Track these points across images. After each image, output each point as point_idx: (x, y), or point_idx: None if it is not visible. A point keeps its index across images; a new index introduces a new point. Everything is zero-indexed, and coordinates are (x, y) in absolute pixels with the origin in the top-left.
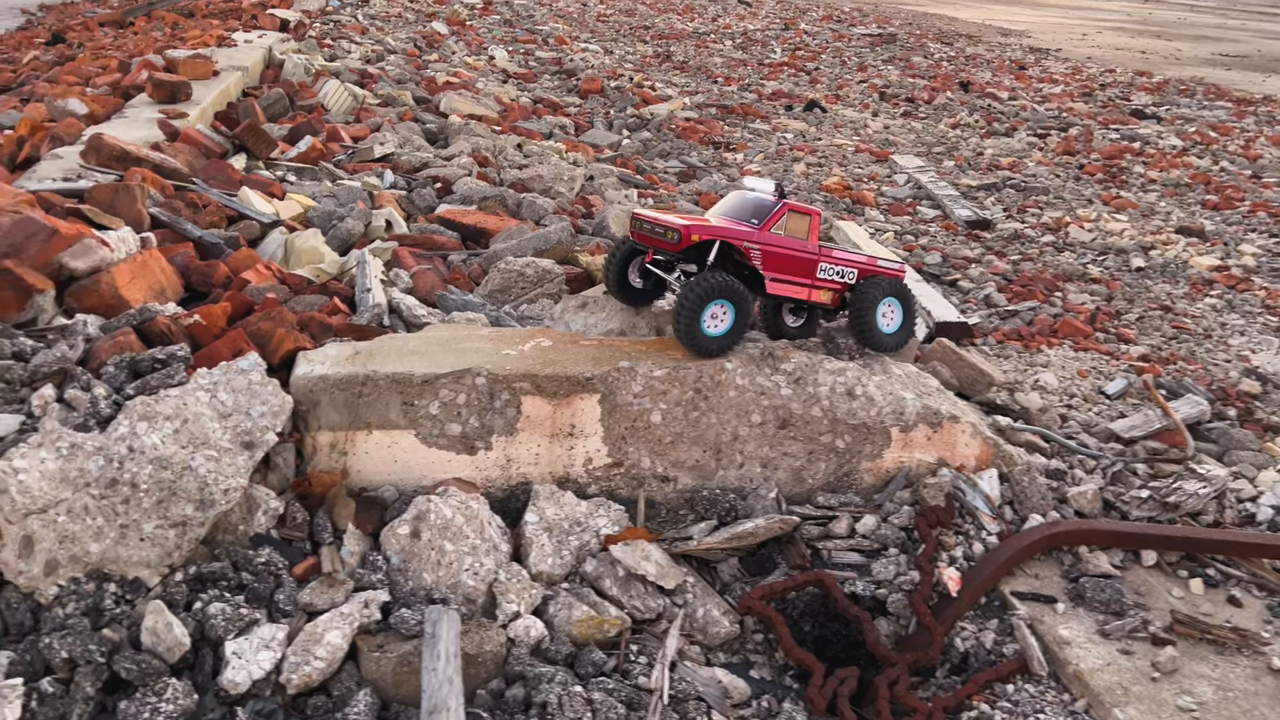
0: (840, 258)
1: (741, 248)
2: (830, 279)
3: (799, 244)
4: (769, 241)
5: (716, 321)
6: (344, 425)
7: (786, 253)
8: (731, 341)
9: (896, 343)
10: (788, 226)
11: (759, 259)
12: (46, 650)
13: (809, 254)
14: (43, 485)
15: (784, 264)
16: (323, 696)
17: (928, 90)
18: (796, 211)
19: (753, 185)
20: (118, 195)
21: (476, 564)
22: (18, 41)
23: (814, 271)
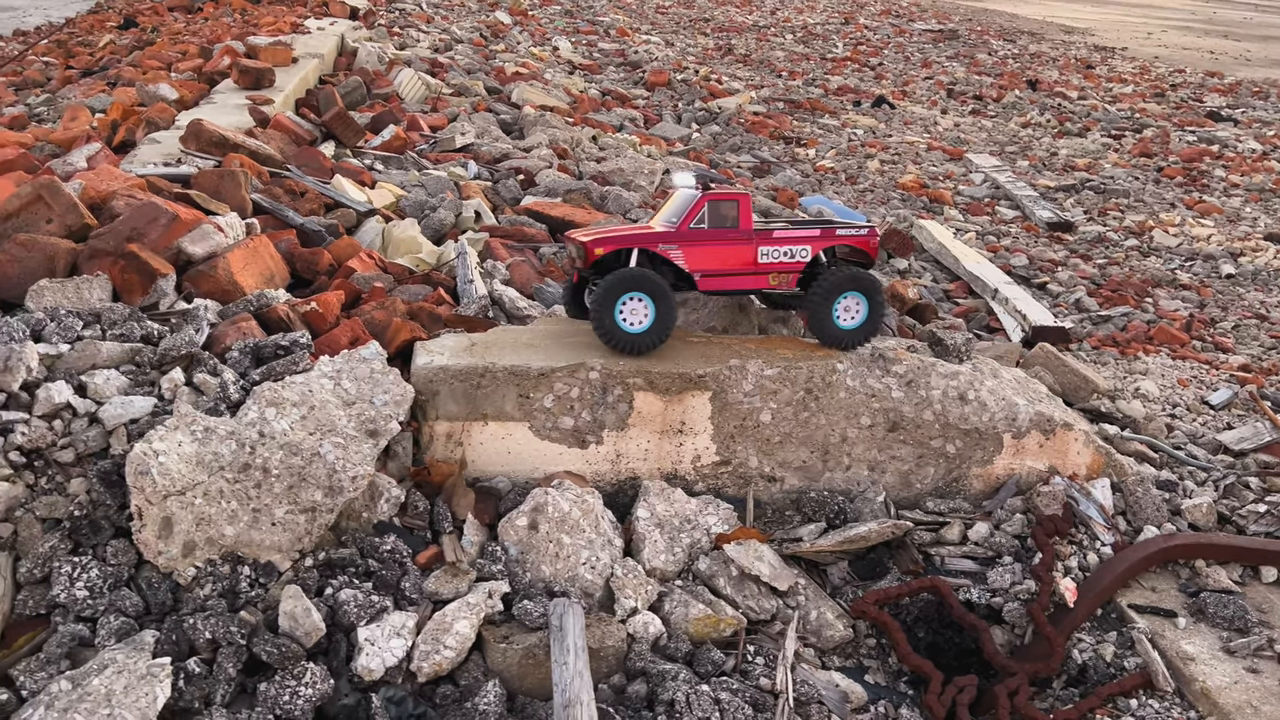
0: (784, 236)
1: (657, 250)
2: (778, 261)
3: (728, 233)
4: (690, 238)
5: (636, 317)
6: (461, 416)
7: (713, 246)
8: (657, 338)
9: (856, 339)
10: (712, 217)
11: (681, 259)
12: (191, 631)
13: (742, 241)
14: (181, 468)
15: (714, 258)
16: (450, 686)
17: (995, 88)
18: (719, 200)
19: (679, 181)
20: (223, 181)
21: (593, 558)
22: (90, 24)
23: (754, 259)
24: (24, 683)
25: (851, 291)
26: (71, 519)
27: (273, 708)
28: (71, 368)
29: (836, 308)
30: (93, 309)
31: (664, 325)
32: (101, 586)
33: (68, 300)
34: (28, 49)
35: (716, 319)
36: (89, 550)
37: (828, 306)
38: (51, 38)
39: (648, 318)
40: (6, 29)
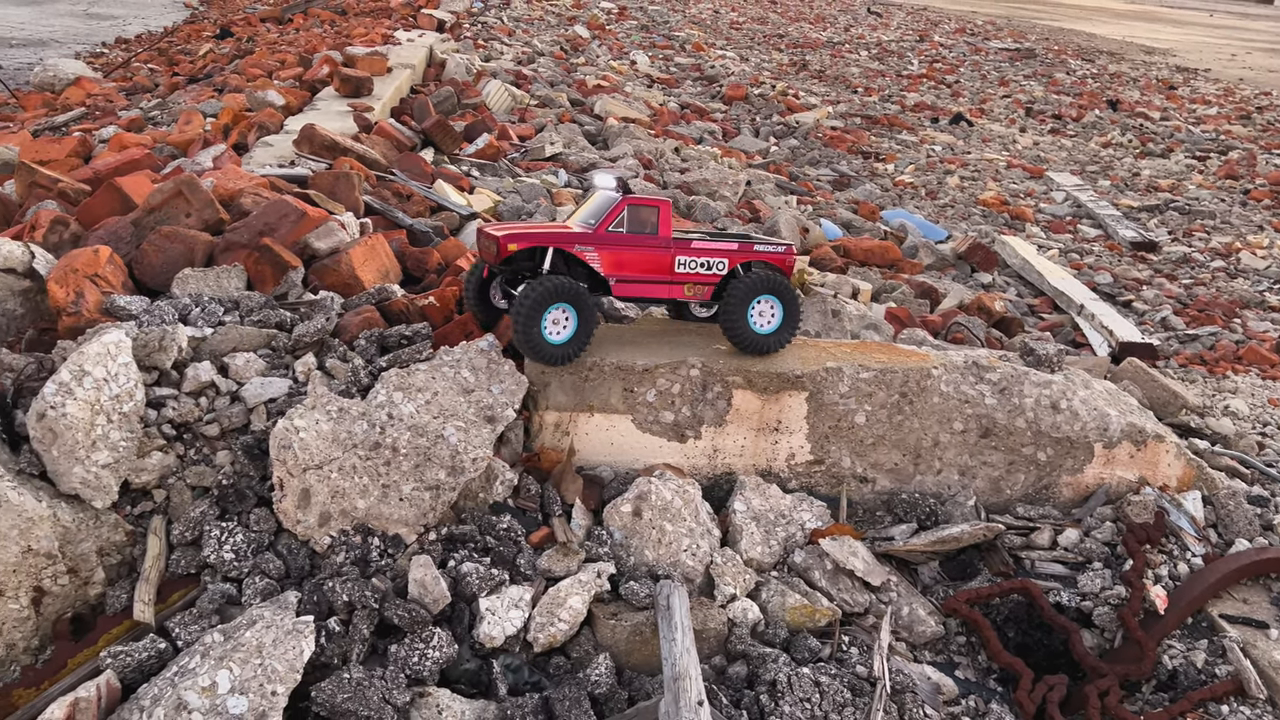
0: (703, 248)
1: (573, 251)
2: (694, 272)
3: (646, 239)
4: (607, 241)
5: (559, 327)
6: (569, 406)
7: (630, 251)
8: (578, 347)
9: (773, 344)
10: (631, 222)
11: (597, 262)
12: (330, 593)
13: (660, 248)
14: (318, 444)
15: (630, 263)
16: (561, 657)
17: (1075, 107)
18: (640, 205)
19: (599, 183)
20: (338, 182)
21: (694, 546)
22: (188, 34)
23: (670, 267)
24: (179, 634)
25: (766, 295)
26: (219, 488)
27: (403, 667)
28: (215, 350)
29: (751, 312)
30: (231, 297)
31: (585, 334)
32: (246, 550)
33: (209, 288)
34: (131, 56)
35: (810, 323)
36: (234, 517)
37: (743, 310)
38: (153, 46)
39: (569, 327)
40: (109, 37)
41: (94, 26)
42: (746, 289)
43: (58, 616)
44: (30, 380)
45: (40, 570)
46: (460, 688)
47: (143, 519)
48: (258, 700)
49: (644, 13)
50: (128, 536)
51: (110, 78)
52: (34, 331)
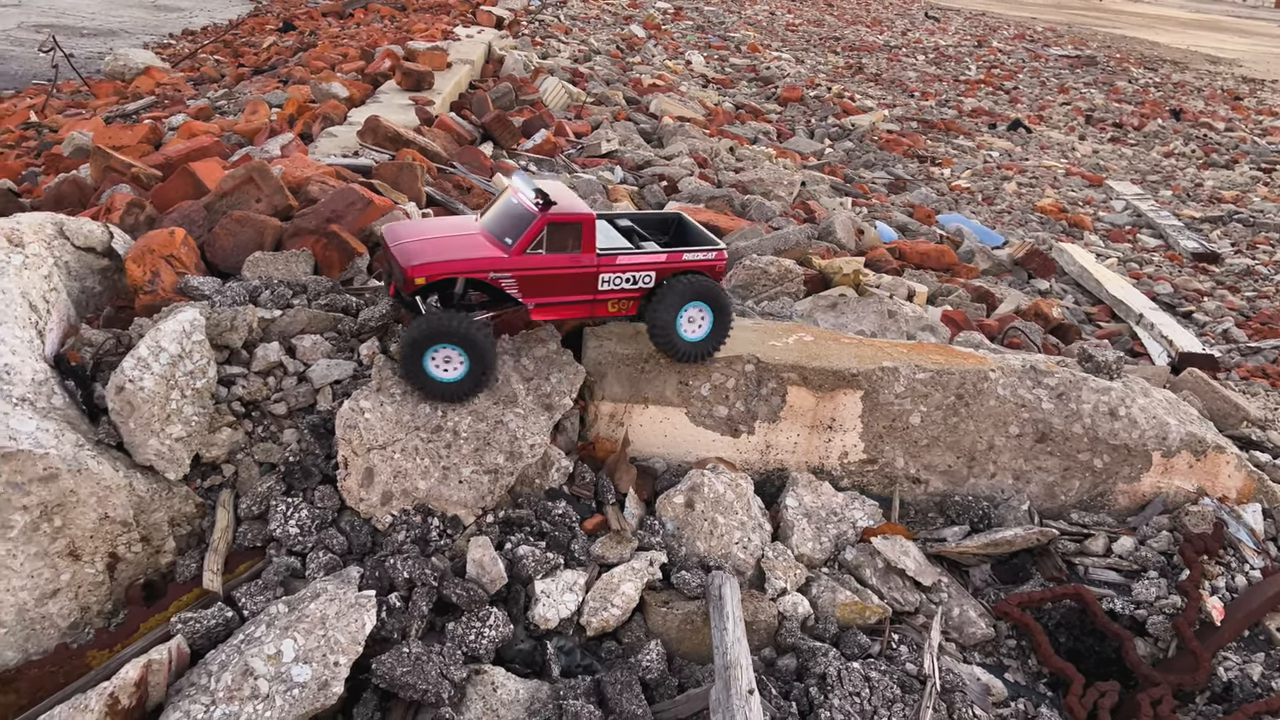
0: (628, 263)
1: (488, 280)
2: (619, 289)
3: (568, 260)
4: (525, 266)
5: (450, 365)
6: (624, 398)
7: (551, 274)
8: (473, 385)
9: (703, 351)
10: (551, 242)
11: (515, 288)
12: (391, 570)
13: (582, 269)
14: (382, 425)
15: (551, 286)
16: (613, 642)
17: (1136, 116)
18: (561, 223)
19: (519, 186)
20: (401, 173)
21: (745, 539)
22: (252, 26)
23: (594, 286)
24: (245, 604)
25: (695, 302)
26: (286, 464)
27: (460, 644)
28: (283, 331)
29: (680, 319)
30: (299, 280)
31: (480, 374)
32: (310, 526)
33: (278, 271)
34: (198, 48)
35: (866, 322)
36: (300, 493)
37: (671, 319)
38: (218, 38)
39: (461, 367)
40: (176, 28)
41: (161, 18)
42: (676, 296)
43: (130, 583)
44: (109, 355)
45: (116, 537)
46: (515, 667)
47: (211, 492)
48: (320, 669)
49: (699, 13)
50: (197, 508)
51: (178, 68)
52: (111, 308)
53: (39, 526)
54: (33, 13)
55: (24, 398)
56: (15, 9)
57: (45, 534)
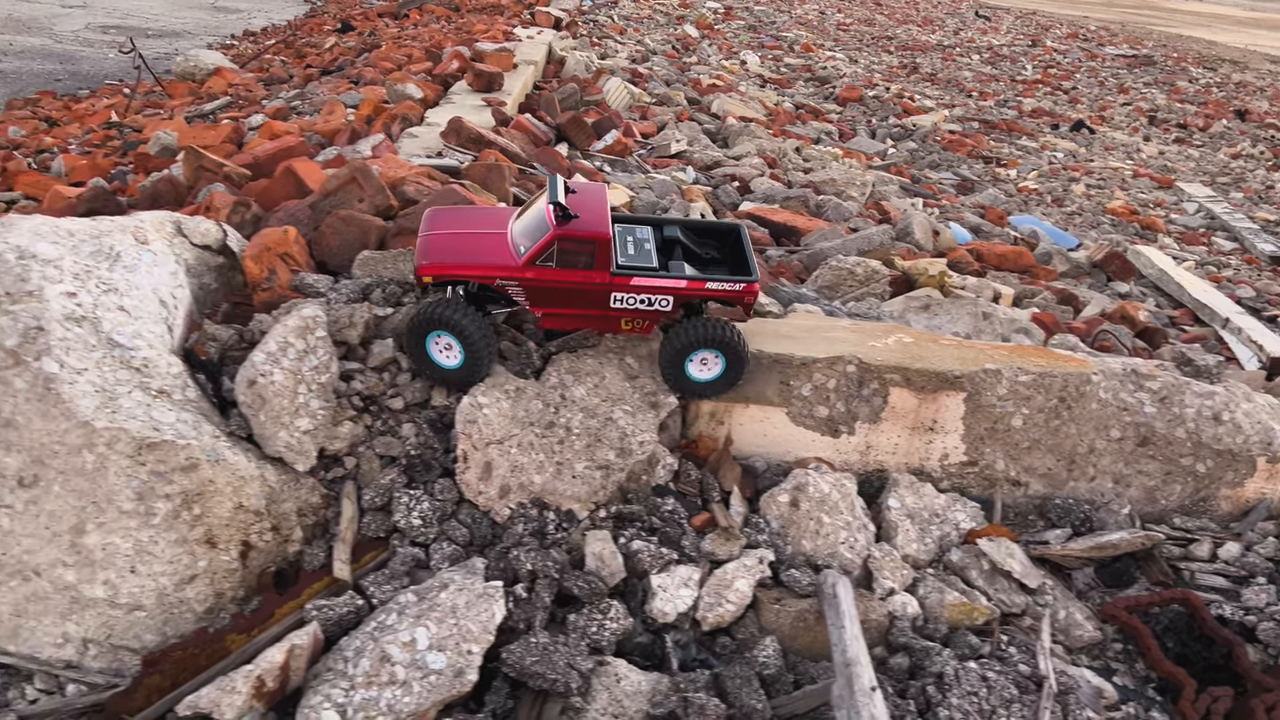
0: (644, 285)
1: (495, 286)
2: (633, 309)
3: (578, 276)
4: (533, 277)
5: (450, 353)
6: (725, 397)
7: (559, 286)
8: (469, 373)
9: (713, 391)
10: (561, 257)
11: (522, 296)
12: (514, 561)
13: (593, 286)
14: (500, 420)
15: (559, 299)
16: (726, 637)
17: (1200, 116)
18: (572, 239)
19: (547, 193)
20: (490, 173)
21: (851, 539)
22: (310, 27)
23: (605, 302)
24: (373, 592)
25: (705, 349)
26: (407, 458)
27: (583, 636)
28: (396, 328)
29: (689, 363)
30: (409, 279)
31: (477, 364)
32: (432, 517)
33: (387, 270)
34: (262, 49)
35: (961, 324)
36: (420, 485)
37: (679, 361)
38: (280, 39)
39: (458, 355)
40: (236, 29)
41: (222, 19)
42: (684, 343)
43: (261, 570)
44: (233, 349)
45: (249, 526)
46: (634, 659)
47: (335, 484)
48: (455, 657)
49: (750, 13)
50: (323, 499)
51: (246, 69)
52: (228, 304)
53: (179, 514)
54: (98, 14)
55: (162, 390)
56: (81, 10)
57: (185, 522)
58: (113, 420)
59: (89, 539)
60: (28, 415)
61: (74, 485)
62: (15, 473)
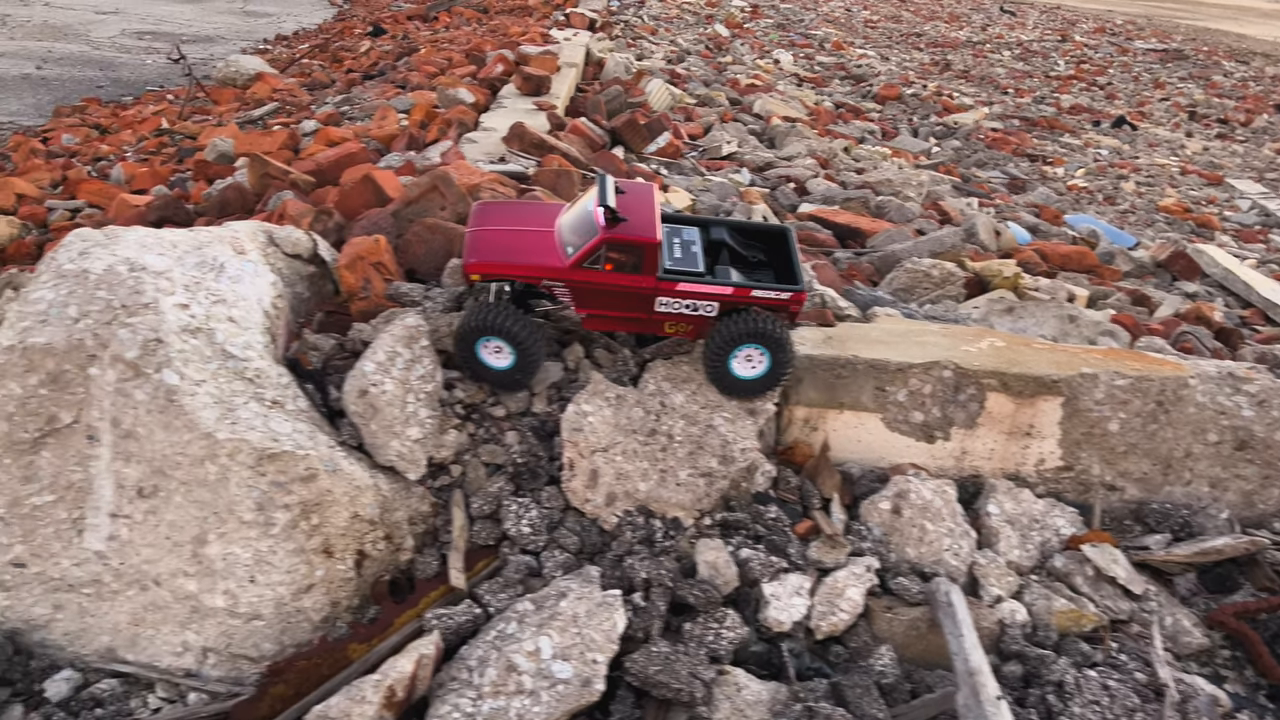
0: (689, 291)
1: (541, 287)
2: (677, 313)
3: (625, 279)
4: (578, 279)
5: (500, 355)
6: (819, 403)
7: (604, 289)
8: (520, 376)
9: (754, 390)
10: (607, 259)
11: (567, 297)
12: (629, 570)
13: (639, 290)
14: (603, 428)
15: (604, 301)
16: (839, 646)
17: (1240, 111)
18: (622, 243)
19: (596, 194)
20: (559, 179)
21: (955, 546)
22: (340, 30)
23: (650, 306)
24: (489, 601)
25: (749, 344)
26: (514, 466)
27: (700, 645)
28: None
29: (733, 358)
30: None
31: (527, 366)
32: (540, 525)
33: None
34: (296, 55)
35: (1047, 327)
36: (528, 493)
37: (723, 357)
38: (315, 44)
39: (508, 358)
40: (268, 33)
41: (253, 24)
42: (729, 337)
43: (376, 579)
44: (334, 359)
45: (364, 535)
46: (749, 668)
47: (441, 492)
48: (580, 667)
49: (777, 10)
50: (432, 508)
51: (286, 73)
52: (322, 314)
53: (297, 524)
54: (132, 20)
55: (276, 401)
56: (115, 16)
57: (303, 532)
58: (234, 431)
59: (210, 549)
60: (149, 427)
61: (196, 496)
62: (135, 483)
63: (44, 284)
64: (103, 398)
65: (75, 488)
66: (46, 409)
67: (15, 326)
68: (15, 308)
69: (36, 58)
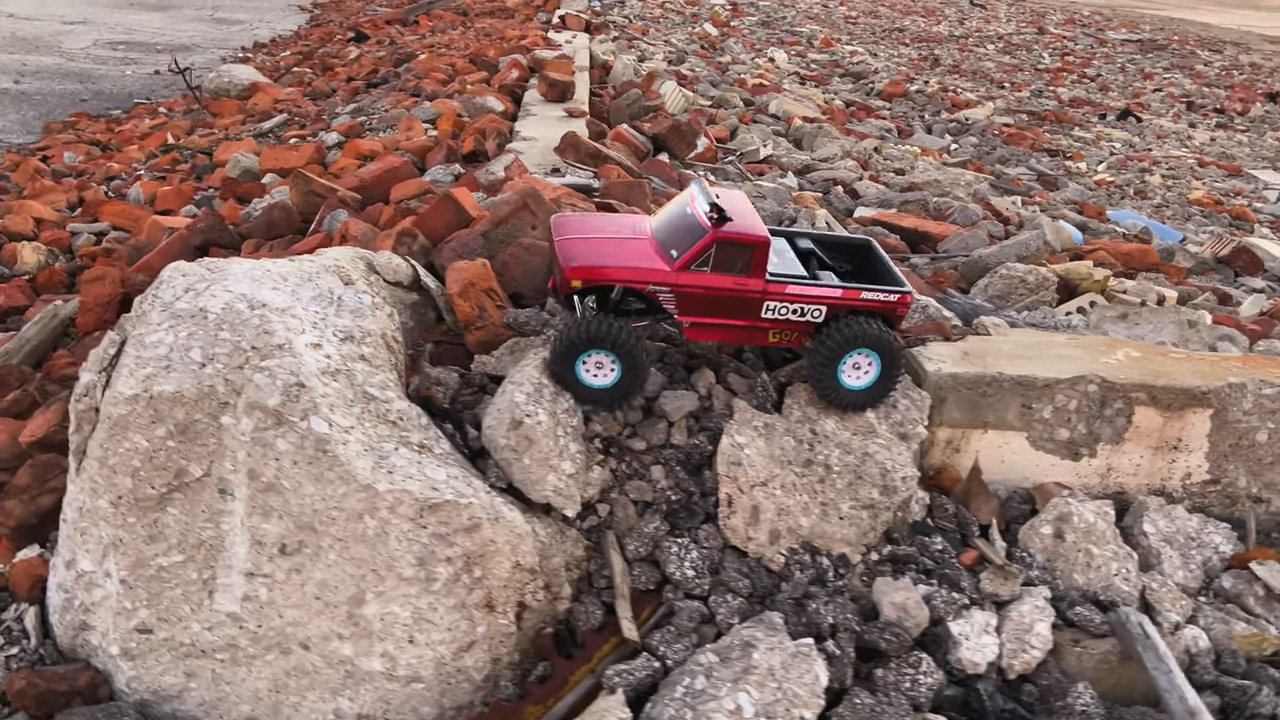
0: (798, 294)
1: (646, 292)
2: (784, 320)
3: (733, 282)
4: (685, 283)
5: (602, 371)
6: (963, 423)
7: (711, 294)
8: (622, 393)
9: (865, 400)
10: (718, 262)
11: (672, 303)
12: (814, 615)
13: (747, 293)
14: (760, 460)
15: (711, 307)
16: (1029, 685)
17: (1235, 100)
18: (732, 243)
19: (696, 195)
20: (631, 191)
21: (1123, 570)
22: (319, 37)
23: (757, 312)
24: (664, 653)
25: (860, 350)
26: (668, 503)
27: (898, 693)
28: None
29: (843, 364)
30: None
31: (634, 378)
32: (703, 567)
33: None
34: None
35: (1165, 333)
36: (685, 533)
37: (833, 363)
38: (294, 50)
39: (613, 374)
40: (242, 40)
41: (226, 31)
42: (841, 340)
43: (536, 632)
44: (462, 395)
45: (524, 585)
46: (949, 714)
47: (591, 533)
48: None
49: (756, 8)
50: (586, 552)
51: (281, 82)
52: (432, 345)
53: (459, 578)
54: (102, 30)
55: (423, 444)
56: (83, 26)
57: (464, 586)
58: (393, 482)
59: (368, 609)
60: (295, 479)
61: (353, 553)
62: (277, 540)
63: (159, 326)
64: (237, 449)
65: (206, 546)
66: (175, 462)
67: (136, 374)
68: (132, 353)
69: (13, 71)
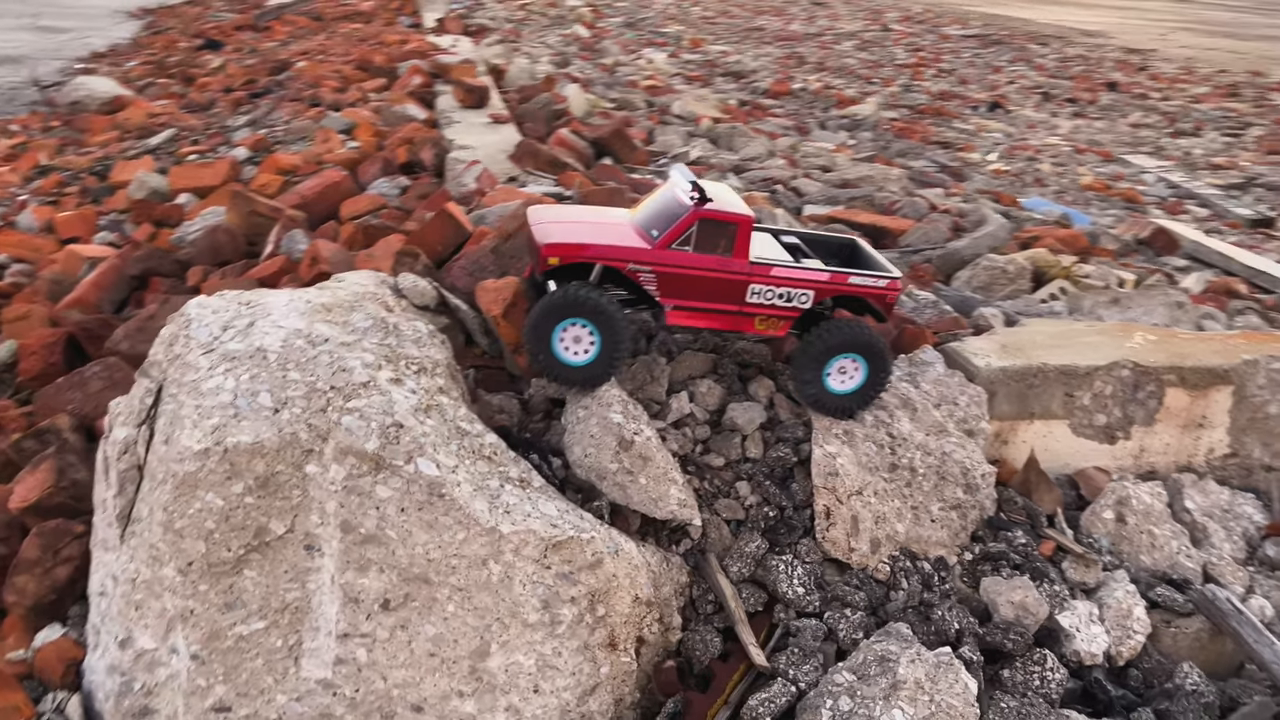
0: (783, 277)
1: (625, 271)
2: (769, 305)
3: (716, 262)
4: (667, 262)
5: (580, 346)
6: (1011, 415)
7: (693, 274)
8: (602, 369)
9: (850, 405)
10: (700, 240)
11: (653, 284)
12: (940, 622)
13: (731, 274)
14: (852, 469)
15: (691, 288)
16: (1133, 669)
17: (1085, 90)
18: (714, 220)
19: (675, 179)
20: (613, 196)
21: (1184, 547)
22: (162, 45)
23: (741, 295)
24: (794, 675)
25: (849, 353)
26: (767, 520)
27: (1032, 692)
28: (673, 379)
29: (829, 368)
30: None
31: (611, 355)
32: (810, 583)
33: None
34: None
35: (1157, 315)
36: (786, 549)
37: (818, 367)
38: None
39: (591, 350)
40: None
41: (56, 41)
42: (827, 345)
43: (654, 667)
44: (529, 423)
45: (641, 619)
46: (1075, 707)
47: (688, 557)
48: None
49: (613, 8)
50: (689, 576)
51: (146, 94)
52: (474, 370)
53: (582, 618)
54: None
55: (522, 479)
56: None
57: (586, 626)
58: (514, 523)
59: (492, 661)
60: (403, 528)
61: (476, 602)
62: (378, 595)
63: (212, 371)
64: (326, 500)
65: (290, 609)
66: (255, 520)
67: (201, 426)
68: (189, 402)
69: None
